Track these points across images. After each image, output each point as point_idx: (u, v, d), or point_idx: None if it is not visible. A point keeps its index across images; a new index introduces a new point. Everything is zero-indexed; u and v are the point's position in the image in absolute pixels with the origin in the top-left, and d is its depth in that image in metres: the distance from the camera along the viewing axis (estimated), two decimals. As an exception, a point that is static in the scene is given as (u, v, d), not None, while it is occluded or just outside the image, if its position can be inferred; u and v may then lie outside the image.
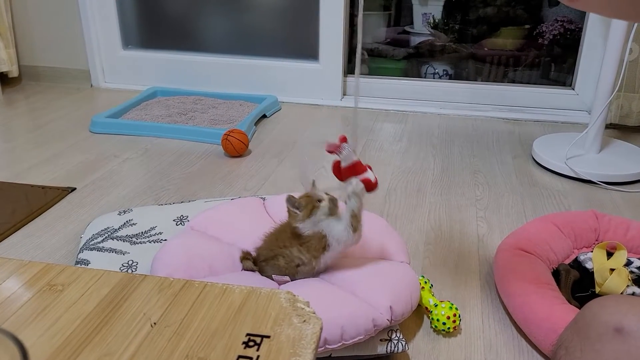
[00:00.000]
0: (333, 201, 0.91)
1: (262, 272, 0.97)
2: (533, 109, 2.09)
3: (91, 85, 2.38)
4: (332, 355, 0.85)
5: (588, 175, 1.53)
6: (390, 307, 0.87)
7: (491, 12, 2.97)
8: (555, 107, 2.08)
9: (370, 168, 0.91)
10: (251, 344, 0.46)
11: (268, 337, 0.46)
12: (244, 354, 0.44)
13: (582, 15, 2.27)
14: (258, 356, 0.44)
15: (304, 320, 0.48)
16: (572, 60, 2.25)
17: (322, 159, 0.91)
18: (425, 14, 3.02)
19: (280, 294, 0.52)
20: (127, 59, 2.35)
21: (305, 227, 0.90)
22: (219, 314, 0.49)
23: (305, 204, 0.89)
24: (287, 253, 0.92)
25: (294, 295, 0.52)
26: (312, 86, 2.18)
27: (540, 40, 2.76)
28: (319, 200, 0.89)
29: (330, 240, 0.90)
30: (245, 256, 1.01)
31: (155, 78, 2.32)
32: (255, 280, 0.92)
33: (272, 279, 0.94)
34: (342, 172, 0.89)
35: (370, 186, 0.89)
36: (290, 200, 0.90)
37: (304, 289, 0.88)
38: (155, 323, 0.48)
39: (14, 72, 2.35)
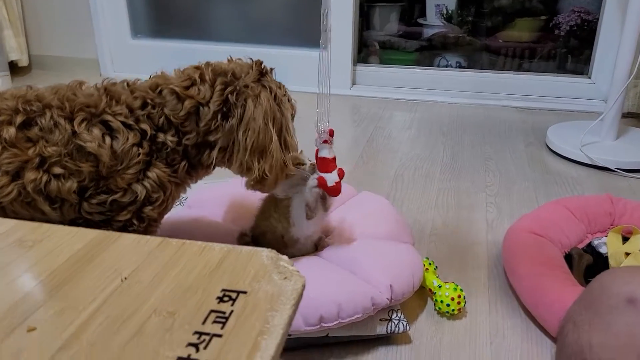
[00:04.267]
0: (313, 167, 0.87)
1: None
2: (547, 97, 2.03)
3: (100, 75, 2.37)
4: (329, 335, 0.81)
5: (604, 162, 1.47)
6: (390, 286, 0.83)
7: (506, 3, 2.91)
8: (570, 96, 2.02)
9: (341, 174, 0.85)
10: (226, 299, 0.42)
11: (245, 292, 0.43)
12: (217, 309, 0.41)
13: (599, 5, 2.21)
14: (232, 311, 0.41)
15: (285, 277, 0.45)
16: (589, 51, 2.18)
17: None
18: (438, 5, 2.97)
19: (263, 252, 0.48)
20: (136, 48, 2.33)
21: (279, 189, 0.87)
22: (194, 270, 0.46)
23: None
24: (269, 225, 0.89)
25: (277, 254, 0.48)
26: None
27: (556, 32, 2.69)
28: (300, 164, 0.86)
29: (293, 215, 0.87)
30: (243, 235, 0.98)
31: (163, 67, 2.29)
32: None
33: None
34: (317, 162, 0.85)
35: (324, 187, 0.83)
36: None
37: (301, 266, 0.85)
38: (125, 278, 0.45)
39: (23, 61, 2.35)
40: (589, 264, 1.01)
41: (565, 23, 2.70)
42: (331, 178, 0.84)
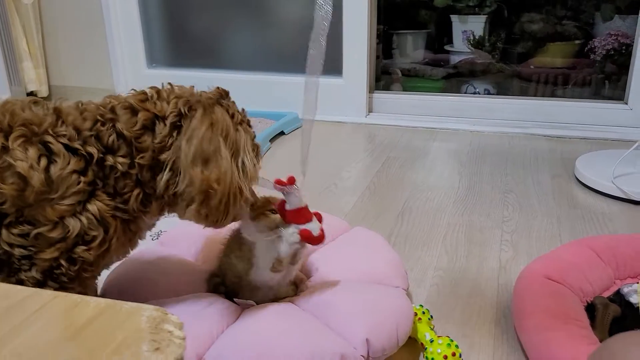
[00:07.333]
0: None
1: (227, 295, 0.83)
2: (578, 125, 1.87)
3: (116, 105, 2.36)
4: (292, 398, 0.69)
5: (639, 196, 1.30)
6: (367, 340, 0.70)
7: (537, 27, 2.77)
8: (604, 123, 1.85)
9: (320, 218, 0.76)
10: (65, 379, 0.32)
11: (93, 370, 0.32)
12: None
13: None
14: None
15: (157, 348, 0.34)
16: (627, 77, 2.01)
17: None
18: (465, 31, 2.86)
19: (145, 311, 0.38)
20: (151, 78, 2.30)
21: (245, 230, 0.76)
22: (51, 334, 0.36)
23: (259, 206, 0.75)
24: (229, 262, 0.79)
25: (165, 314, 0.38)
26: (335, 102, 2.06)
27: (591, 56, 2.54)
28: (272, 211, 0.75)
29: (254, 260, 0.77)
30: (213, 276, 0.87)
31: (178, 97, 2.26)
32: (206, 302, 0.77)
33: (235, 302, 0.80)
34: (286, 215, 0.74)
35: (310, 239, 0.74)
36: None
37: (264, 315, 0.74)
38: (-42, 343, 0.35)
39: (43, 92, 2.37)
40: (615, 316, 0.85)
41: (601, 47, 2.53)
42: (314, 227, 0.74)
